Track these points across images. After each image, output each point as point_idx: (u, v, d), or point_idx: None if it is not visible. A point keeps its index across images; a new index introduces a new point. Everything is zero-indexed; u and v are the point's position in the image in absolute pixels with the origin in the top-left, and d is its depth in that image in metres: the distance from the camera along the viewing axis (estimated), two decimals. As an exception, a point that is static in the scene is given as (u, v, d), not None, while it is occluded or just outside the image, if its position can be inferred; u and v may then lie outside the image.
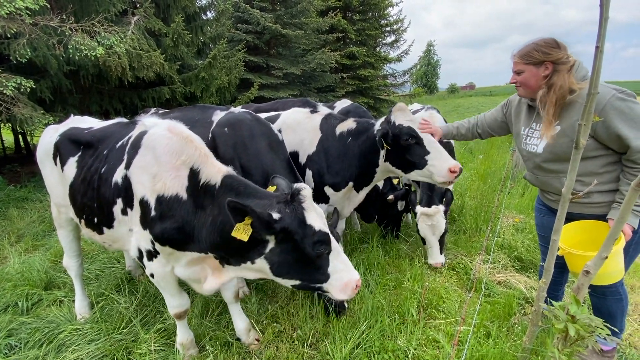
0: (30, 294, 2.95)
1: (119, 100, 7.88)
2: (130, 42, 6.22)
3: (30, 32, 5.08)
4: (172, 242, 1.85)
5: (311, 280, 1.72)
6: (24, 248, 4.01)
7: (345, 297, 1.73)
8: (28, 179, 6.83)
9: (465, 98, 34.58)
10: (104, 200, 2.03)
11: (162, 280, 2.03)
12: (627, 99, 1.72)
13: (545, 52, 1.86)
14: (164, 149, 1.83)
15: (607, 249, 1.50)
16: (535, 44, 1.90)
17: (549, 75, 1.88)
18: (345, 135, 2.85)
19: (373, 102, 17.92)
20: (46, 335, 2.45)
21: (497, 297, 2.85)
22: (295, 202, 1.64)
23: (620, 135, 1.72)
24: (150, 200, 1.82)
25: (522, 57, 1.94)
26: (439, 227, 3.23)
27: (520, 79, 1.98)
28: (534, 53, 1.89)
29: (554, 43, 1.87)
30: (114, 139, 2.16)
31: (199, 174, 1.79)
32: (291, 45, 14.07)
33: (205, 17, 9.86)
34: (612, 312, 2.07)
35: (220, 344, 2.36)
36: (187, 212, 1.78)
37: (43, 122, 5.27)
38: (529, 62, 1.91)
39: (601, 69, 1.25)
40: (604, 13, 1.16)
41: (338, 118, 2.99)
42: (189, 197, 1.78)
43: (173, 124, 1.97)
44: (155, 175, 1.81)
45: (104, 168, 2.06)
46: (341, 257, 1.76)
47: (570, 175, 1.49)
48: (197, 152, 1.83)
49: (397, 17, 20.24)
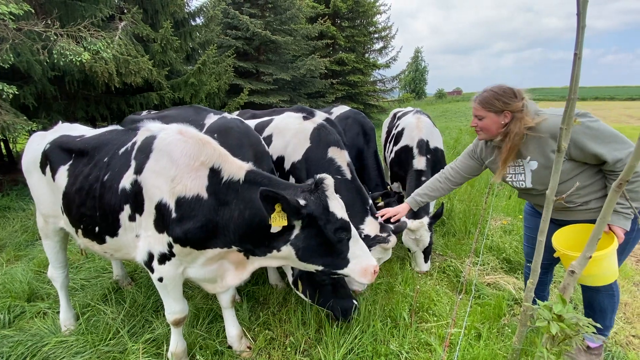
0: (12, 306, 2.86)
1: (105, 107, 7.74)
2: (117, 47, 6.14)
3: (13, 37, 4.97)
4: (195, 242, 1.88)
5: (332, 265, 1.87)
6: (6, 258, 3.87)
7: (365, 281, 1.89)
8: (10, 188, 6.62)
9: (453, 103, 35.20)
10: (109, 208, 2.00)
11: (170, 283, 2.02)
12: (587, 119, 1.82)
13: (505, 102, 1.97)
14: (181, 152, 1.87)
15: (591, 249, 1.54)
16: (495, 92, 2.01)
17: (507, 123, 2.00)
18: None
19: (363, 108, 18.07)
20: (29, 349, 2.37)
21: (487, 298, 2.89)
22: (319, 190, 1.79)
23: (595, 154, 1.81)
24: (169, 203, 1.83)
25: (484, 105, 2.04)
26: (423, 240, 3.21)
27: (481, 124, 2.09)
28: (495, 102, 2.00)
29: (512, 93, 1.98)
30: (113, 146, 2.12)
31: (221, 172, 1.86)
32: (281, 51, 14.12)
33: (194, 23, 9.80)
34: (604, 307, 2.14)
35: (211, 353, 2.32)
36: (209, 210, 1.84)
37: (26, 129, 5.13)
38: (490, 109, 2.02)
39: (580, 75, 1.29)
40: (581, 21, 1.20)
41: (331, 133, 2.87)
42: (210, 195, 1.84)
43: (183, 128, 2.01)
44: (174, 178, 1.83)
45: (106, 176, 2.02)
46: (359, 244, 1.91)
47: (554, 177, 1.53)
48: (216, 152, 1.91)
49: (385, 24, 20.58)
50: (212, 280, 2.13)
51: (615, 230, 1.81)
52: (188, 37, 9.09)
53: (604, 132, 1.81)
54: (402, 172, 3.72)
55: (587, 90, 63.40)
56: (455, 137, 11.68)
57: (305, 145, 2.82)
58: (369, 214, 2.65)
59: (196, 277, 2.08)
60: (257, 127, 3.25)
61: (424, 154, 3.57)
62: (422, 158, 3.55)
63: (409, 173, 3.57)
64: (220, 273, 2.09)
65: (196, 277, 2.07)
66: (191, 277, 2.08)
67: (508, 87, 2.01)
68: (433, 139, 3.75)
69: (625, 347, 2.43)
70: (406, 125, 3.87)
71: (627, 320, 2.72)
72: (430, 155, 3.60)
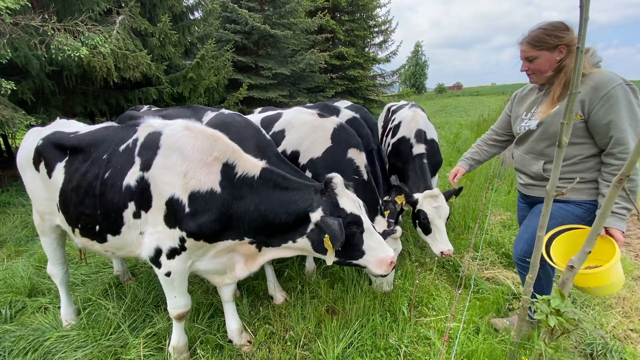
0: (13, 301, 2.87)
1: (104, 102, 7.71)
2: (115, 42, 6.09)
3: (10, 31, 4.92)
4: (209, 235, 1.92)
5: (347, 256, 1.97)
6: (7, 254, 3.88)
7: (382, 272, 1.98)
8: (10, 183, 6.62)
9: (453, 98, 35.04)
10: (111, 206, 1.99)
11: (178, 277, 2.04)
12: (632, 92, 1.77)
13: (558, 36, 1.86)
14: (193, 147, 1.88)
15: (591, 245, 1.54)
16: (544, 29, 1.89)
17: (562, 59, 1.89)
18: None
19: (362, 103, 18.00)
20: (31, 343, 2.38)
21: (485, 293, 2.91)
22: (329, 189, 1.91)
23: (612, 122, 1.75)
24: (182, 198, 1.85)
25: (534, 44, 1.91)
26: (445, 208, 3.08)
27: (533, 66, 1.96)
28: (547, 38, 1.87)
29: (563, 26, 1.88)
30: (111, 143, 2.10)
31: (235, 168, 1.92)
32: (280, 45, 14.02)
33: (192, 17, 9.72)
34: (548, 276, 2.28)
35: (212, 347, 2.34)
36: (223, 204, 1.89)
37: (25, 124, 5.11)
38: (542, 48, 1.90)
39: (582, 69, 1.28)
40: (584, 14, 1.19)
41: (352, 134, 2.90)
42: (223, 189, 1.88)
43: (190, 123, 2.03)
44: (187, 173, 1.85)
45: (107, 174, 2.00)
46: (375, 237, 1.99)
47: (554, 173, 1.52)
48: (230, 148, 1.94)
49: (385, 17, 20.41)
50: (221, 272, 2.17)
51: (614, 234, 1.79)
52: (186, 31, 9.02)
53: (635, 110, 1.75)
54: (400, 163, 3.73)
55: (588, 84, 62.72)
56: (456, 132, 11.64)
57: (325, 144, 2.85)
58: (379, 213, 2.79)
59: (205, 270, 2.11)
60: (265, 121, 3.24)
61: (422, 142, 3.58)
62: (420, 145, 3.56)
63: (409, 161, 3.58)
64: (229, 265, 2.14)
65: (205, 269, 2.10)
66: (200, 270, 2.11)
67: (558, 21, 1.89)
68: (429, 130, 3.77)
69: (623, 341, 2.45)
70: (403, 118, 3.89)
71: (625, 314, 2.74)
72: (427, 146, 3.61)
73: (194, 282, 3.13)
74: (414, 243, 3.88)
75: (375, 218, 2.75)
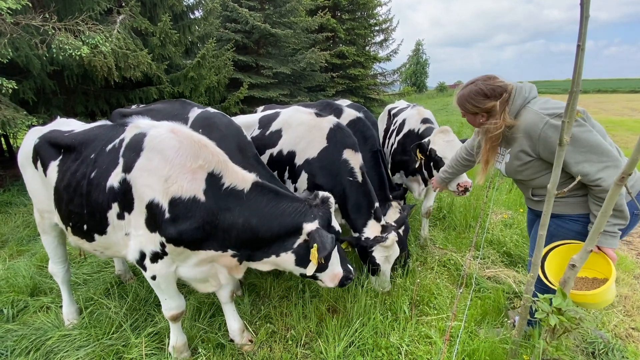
0: (15, 300, 2.88)
1: (105, 101, 7.71)
2: (116, 41, 6.08)
3: (11, 31, 4.93)
4: (189, 242, 1.89)
5: (320, 269, 2.05)
6: (9, 253, 3.90)
7: (332, 285, 2.15)
8: (11, 183, 6.63)
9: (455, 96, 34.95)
10: (96, 206, 1.98)
11: (164, 281, 2.02)
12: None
13: (475, 105, 1.98)
14: (176, 151, 1.84)
15: (592, 243, 1.55)
16: (467, 95, 2.01)
17: (483, 122, 2.03)
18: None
19: (363, 102, 17.95)
20: (33, 343, 2.39)
21: (487, 292, 2.90)
22: (325, 207, 2.00)
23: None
24: (162, 203, 1.81)
25: (459, 105, 2.09)
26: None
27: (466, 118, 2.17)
28: (466, 104, 2.03)
29: (482, 94, 1.95)
30: (100, 142, 2.08)
31: (221, 179, 1.88)
32: (280, 44, 13.98)
33: (193, 16, 9.70)
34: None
35: (213, 346, 2.35)
36: (207, 214, 1.85)
37: (26, 123, 5.11)
38: (465, 110, 2.08)
39: (583, 66, 1.28)
40: (585, 12, 1.19)
41: (348, 135, 2.86)
42: (208, 199, 1.84)
43: (175, 126, 1.98)
44: (168, 178, 1.81)
45: (93, 173, 1.99)
46: (336, 254, 2.15)
47: (555, 172, 1.52)
48: (215, 157, 1.90)
49: (385, 16, 20.31)
50: (204, 280, 2.14)
51: (607, 252, 1.78)
52: (187, 30, 9.00)
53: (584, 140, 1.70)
54: (407, 156, 3.73)
55: (590, 82, 62.72)
56: (457, 131, 11.60)
57: (321, 144, 2.83)
58: (372, 217, 2.76)
59: (187, 276, 2.07)
60: (263, 120, 3.22)
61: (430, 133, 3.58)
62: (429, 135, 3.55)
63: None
64: (211, 274, 2.11)
65: (187, 276, 2.06)
66: (182, 277, 2.07)
67: (481, 87, 1.95)
68: (434, 124, 3.79)
69: (625, 339, 2.44)
70: (407, 117, 3.92)
71: (627, 313, 2.74)
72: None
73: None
74: (414, 242, 3.88)
75: (367, 222, 2.73)
